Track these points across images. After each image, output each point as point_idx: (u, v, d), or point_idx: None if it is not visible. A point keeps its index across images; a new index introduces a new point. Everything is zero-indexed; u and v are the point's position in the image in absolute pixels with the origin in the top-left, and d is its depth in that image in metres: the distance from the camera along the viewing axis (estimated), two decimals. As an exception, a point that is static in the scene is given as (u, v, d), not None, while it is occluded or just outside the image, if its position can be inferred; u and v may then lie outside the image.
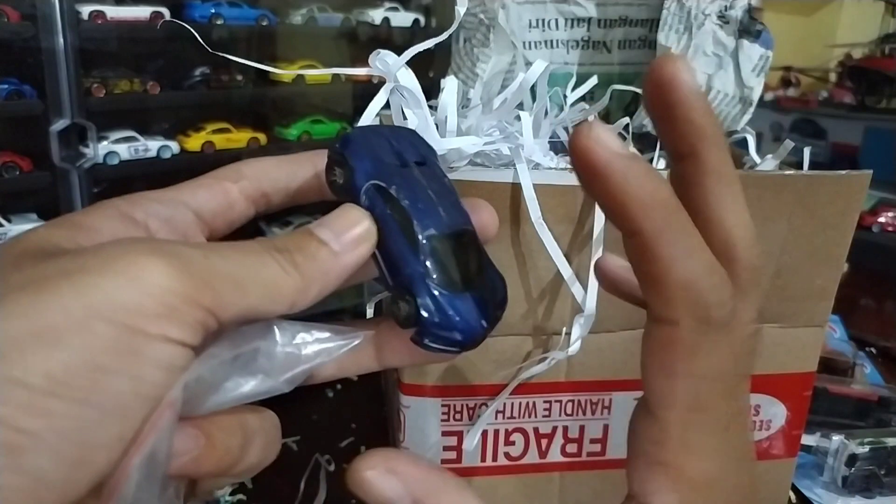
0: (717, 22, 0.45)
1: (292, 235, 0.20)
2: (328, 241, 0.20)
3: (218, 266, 0.17)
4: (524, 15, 0.50)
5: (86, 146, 0.74)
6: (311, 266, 0.19)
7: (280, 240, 0.20)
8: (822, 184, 0.38)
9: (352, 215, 0.21)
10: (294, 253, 0.19)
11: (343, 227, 0.21)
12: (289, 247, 0.19)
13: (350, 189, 0.22)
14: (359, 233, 0.21)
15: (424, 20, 0.95)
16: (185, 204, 0.22)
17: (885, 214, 0.98)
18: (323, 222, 0.21)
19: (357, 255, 0.20)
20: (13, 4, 0.68)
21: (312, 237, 0.20)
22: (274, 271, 0.18)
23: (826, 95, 1.19)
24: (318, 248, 0.20)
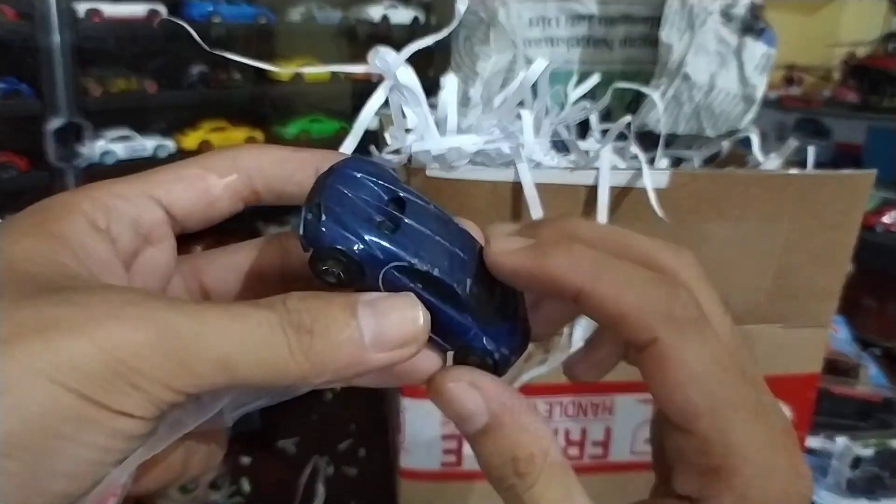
0: (720, 19, 0.45)
1: (328, 310, 0.17)
2: (365, 330, 0.17)
3: (207, 347, 0.15)
4: (525, 13, 0.50)
5: (82, 145, 0.74)
6: (329, 358, 0.16)
7: (310, 311, 0.16)
8: (825, 183, 0.38)
9: (409, 311, 0.18)
10: (316, 337, 0.16)
11: (394, 321, 0.17)
12: (314, 327, 0.16)
13: (362, 284, 0.18)
14: (406, 334, 0.17)
15: (424, 18, 0.95)
16: (156, 200, 0.20)
17: (889, 214, 0.97)
18: (374, 303, 0.17)
19: (389, 360, 0.17)
20: (10, 3, 0.68)
21: (351, 321, 0.17)
22: (280, 354, 0.16)
23: (829, 94, 1.19)
24: (349, 338, 0.17)
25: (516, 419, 0.19)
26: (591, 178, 0.36)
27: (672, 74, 0.46)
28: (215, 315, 0.16)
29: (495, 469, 0.19)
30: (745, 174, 0.38)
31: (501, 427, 0.19)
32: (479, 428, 0.19)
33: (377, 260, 0.18)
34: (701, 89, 0.45)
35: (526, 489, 0.18)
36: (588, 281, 0.18)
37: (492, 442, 0.19)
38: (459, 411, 0.19)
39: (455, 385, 0.19)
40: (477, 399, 0.19)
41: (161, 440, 0.17)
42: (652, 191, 0.35)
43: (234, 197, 0.21)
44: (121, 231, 0.19)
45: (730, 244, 0.38)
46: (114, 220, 0.19)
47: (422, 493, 0.42)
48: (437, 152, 0.36)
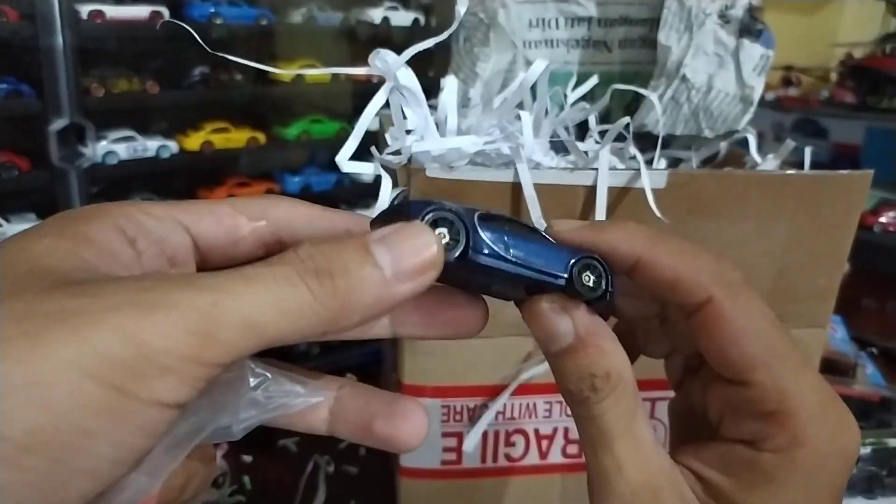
0: (718, 21, 0.45)
1: (340, 251, 0.17)
2: (384, 265, 0.17)
3: (227, 312, 0.15)
4: (524, 14, 0.50)
5: (84, 146, 0.74)
6: (355, 295, 0.17)
7: (324, 255, 0.17)
8: (823, 184, 0.38)
9: (420, 238, 0.18)
10: (337, 277, 0.16)
11: (408, 250, 0.17)
12: (332, 269, 0.16)
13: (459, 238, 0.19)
14: (423, 261, 0.18)
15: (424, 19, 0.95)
16: (185, 227, 0.20)
17: (887, 214, 0.97)
18: (385, 238, 0.17)
19: (412, 289, 0.17)
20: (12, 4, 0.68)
21: (367, 257, 0.17)
22: (305, 302, 0.16)
23: (827, 95, 1.19)
24: (370, 274, 0.17)
25: (599, 342, 0.20)
26: (590, 179, 0.36)
27: (670, 76, 0.46)
28: (230, 282, 0.16)
29: (573, 383, 0.20)
30: (743, 175, 0.38)
31: (585, 347, 0.20)
32: (563, 347, 0.20)
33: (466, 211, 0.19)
34: (699, 90, 0.46)
35: (597, 402, 0.20)
36: (645, 250, 0.21)
37: (573, 360, 0.20)
38: (550, 330, 0.21)
39: (549, 306, 0.21)
40: (567, 322, 0.20)
41: (183, 446, 0.17)
42: (650, 191, 0.35)
43: (259, 242, 0.21)
44: (147, 246, 0.19)
45: (728, 244, 0.39)
46: (141, 234, 0.19)
47: (422, 492, 0.42)
48: (437, 153, 0.36)
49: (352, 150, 0.37)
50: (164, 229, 0.20)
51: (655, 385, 0.41)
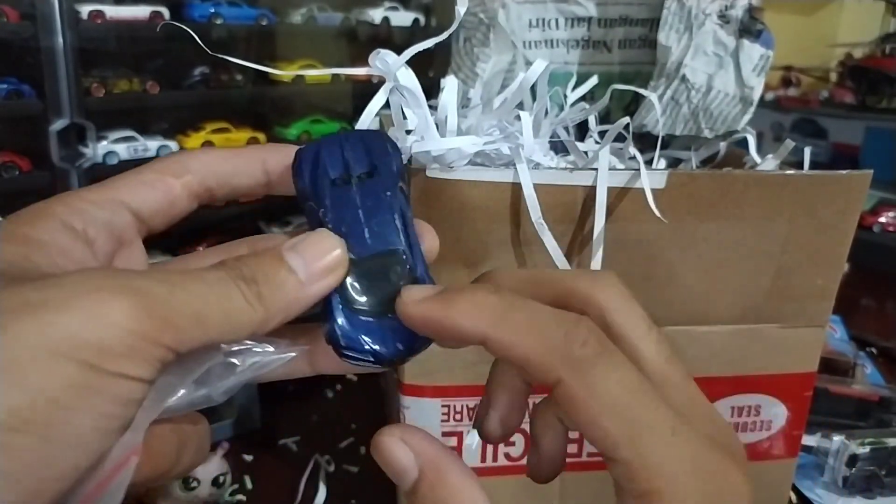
0: (718, 21, 0.45)
1: (261, 260, 0.19)
2: (297, 268, 0.20)
3: (181, 303, 0.17)
4: (524, 14, 0.50)
5: (85, 146, 0.74)
6: (276, 298, 0.19)
7: (248, 265, 0.19)
8: (822, 184, 0.38)
9: (325, 243, 0.20)
10: (261, 284, 0.19)
11: (315, 254, 0.20)
12: (256, 276, 0.19)
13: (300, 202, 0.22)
14: (329, 262, 0.20)
15: (424, 19, 0.95)
16: (125, 204, 0.22)
17: (886, 214, 0.98)
18: (295, 246, 0.20)
19: (324, 286, 0.20)
20: (12, 4, 0.68)
21: (282, 264, 0.20)
22: (238, 304, 0.18)
23: (827, 95, 1.19)
24: (286, 278, 0.19)
25: (442, 478, 0.19)
26: (589, 179, 0.36)
27: (670, 76, 0.46)
28: (181, 278, 0.18)
29: None
30: (742, 175, 0.38)
31: (429, 485, 0.19)
32: (410, 485, 0.19)
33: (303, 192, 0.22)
34: (699, 91, 0.46)
35: None
36: (489, 327, 0.19)
37: (421, 500, 0.19)
38: (392, 466, 0.19)
39: (387, 440, 0.19)
40: (406, 455, 0.19)
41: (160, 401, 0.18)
42: (650, 191, 0.36)
43: (191, 196, 0.23)
44: (97, 233, 0.20)
45: (727, 244, 0.39)
46: (89, 224, 0.20)
47: (422, 491, 0.42)
48: (437, 153, 0.36)
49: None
50: (107, 213, 0.21)
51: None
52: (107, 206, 0.21)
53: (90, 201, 0.21)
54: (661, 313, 0.40)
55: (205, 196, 0.23)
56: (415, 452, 0.19)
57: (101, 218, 0.21)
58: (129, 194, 0.22)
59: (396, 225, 0.22)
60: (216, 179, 0.23)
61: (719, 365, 0.41)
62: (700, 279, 0.39)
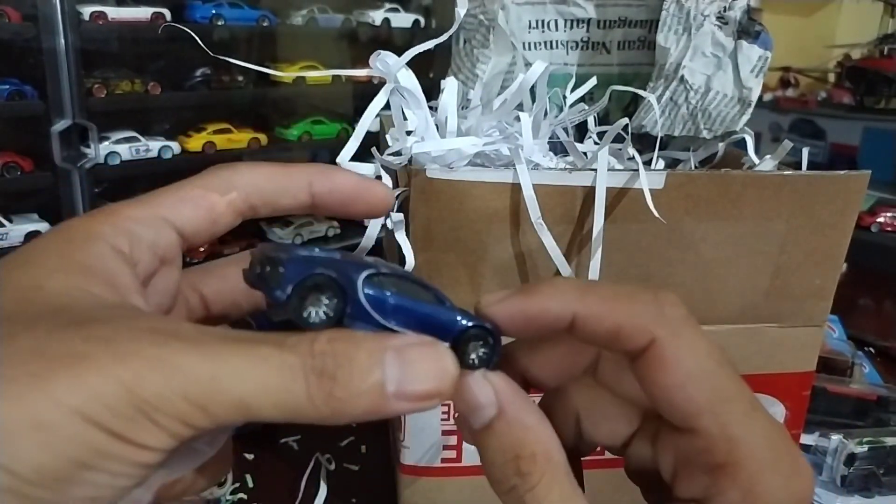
0: (716, 23, 0.46)
1: (352, 353, 0.16)
2: (390, 379, 0.16)
3: (226, 392, 0.15)
4: (524, 16, 0.50)
5: (87, 146, 0.74)
6: (348, 406, 0.16)
7: (332, 355, 0.16)
8: (820, 184, 0.38)
9: (440, 363, 0.17)
10: (338, 385, 0.16)
11: (421, 374, 0.17)
12: (337, 373, 0.16)
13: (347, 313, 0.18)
14: (433, 387, 0.17)
15: (424, 21, 0.95)
16: (169, 222, 0.21)
17: (884, 214, 0.98)
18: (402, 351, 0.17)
19: (416, 408, 0.17)
20: (14, 5, 0.68)
21: (377, 368, 0.16)
22: (298, 399, 0.16)
23: (825, 96, 1.19)
24: (372, 387, 0.16)
25: (521, 417, 0.19)
26: (588, 180, 0.36)
27: (669, 77, 0.46)
28: (235, 356, 0.16)
29: (498, 468, 0.19)
30: (741, 175, 0.38)
31: (507, 423, 0.19)
32: (486, 422, 0.19)
33: (351, 271, 0.18)
34: (697, 92, 0.46)
35: (527, 490, 0.18)
36: (578, 303, 0.19)
37: (497, 438, 0.19)
38: (472, 402, 0.19)
39: (471, 375, 0.19)
40: (489, 391, 0.19)
41: (181, 466, 0.18)
42: (648, 192, 0.36)
43: (235, 213, 0.22)
44: (141, 255, 0.20)
45: (726, 245, 0.39)
46: (135, 245, 0.19)
47: (422, 490, 0.43)
48: (437, 154, 0.36)
49: (353, 151, 0.37)
50: (152, 233, 0.20)
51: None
52: (152, 224, 0.20)
53: (136, 220, 0.20)
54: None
55: (248, 213, 0.22)
56: (496, 390, 0.19)
57: (146, 238, 0.20)
58: (173, 212, 0.21)
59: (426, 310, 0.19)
60: (261, 198, 0.22)
61: (718, 364, 0.42)
62: (698, 279, 0.39)
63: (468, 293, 0.38)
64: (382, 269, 0.19)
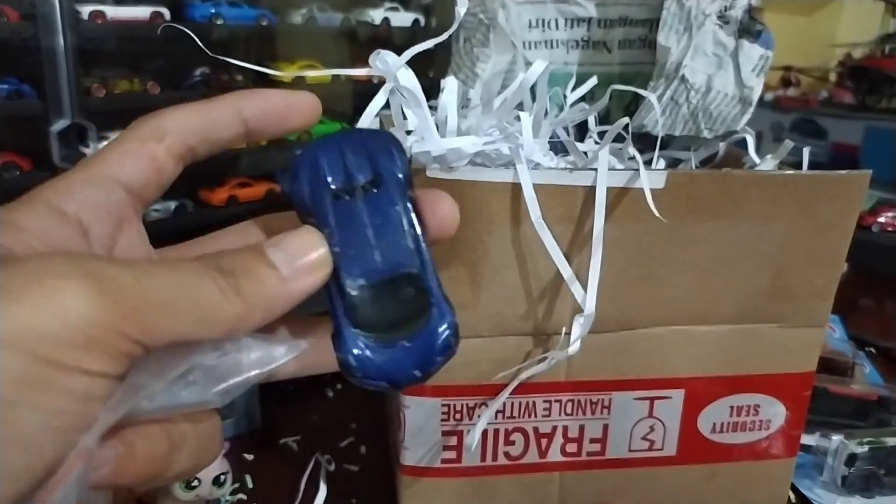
0: (717, 22, 0.45)
1: (240, 255, 0.19)
2: (279, 264, 0.19)
3: (149, 291, 0.16)
4: (524, 15, 0.50)
5: (86, 146, 0.74)
6: (255, 292, 0.18)
7: (226, 258, 0.18)
8: (822, 184, 0.38)
9: (309, 239, 0.20)
10: (239, 277, 0.18)
11: (298, 251, 0.19)
12: (234, 269, 0.18)
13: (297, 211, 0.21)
14: (313, 259, 0.20)
15: (424, 20, 0.95)
16: (116, 180, 0.20)
17: (885, 214, 0.98)
18: (277, 242, 0.19)
19: (308, 284, 0.19)
20: (13, 4, 0.68)
21: (262, 260, 0.19)
22: (213, 297, 0.17)
23: (826, 95, 1.19)
24: (267, 274, 0.19)
25: None
26: (589, 179, 0.36)
27: (669, 76, 0.46)
28: (151, 267, 0.17)
29: None
30: (742, 175, 0.38)
31: None
32: None
33: (303, 206, 0.21)
34: (698, 91, 0.46)
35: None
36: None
37: None
38: None
39: None
40: None
41: (123, 403, 0.17)
42: (649, 191, 0.36)
43: (175, 159, 0.22)
44: (93, 217, 0.19)
45: (726, 244, 0.39)
46: (82, 207, 0.19)
47: (422, 490, 0.42)
48: (437, 153, 0.36)
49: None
50: (100, 192, 0.20)
51: (655, 385, 0.41)
52: (98, 184, 0.20)
53: (79, 181, 0.20)
54: (661, 313, 0.40)
55: (188, 156, 0.22)
56: None
57: (93, 199, 0.20)
58: (117, 168, 0.20)
59: (408, 244, 0.21)
60: (196, 136, 0.22)
61: (718, 364, 0.42)
62: (699, 279, 0.39)
63: (468, 293, 0.38)
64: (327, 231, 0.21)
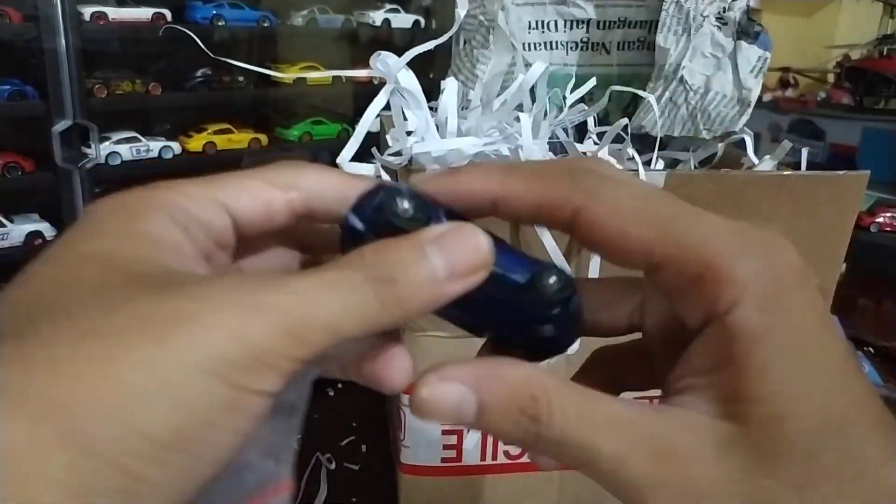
0: (716, 23, 0.46)
1: (401, 257, 0.18)
2: (439, 267, 0.18)
3: (317, 318, 0.17)
4: (524, 16, 0.50)
5: (88, 147, 0.74)
6: (414, 300, 0.18)
7: (386, 262, 0.17)
8: (820, 184, 0.38)
9: (474, 239, 0.18)
10: (399, 285, 0.17)
11: (462, 251, 0.18)
12: (395, 275, 0.17)
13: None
14: (476, 261, 0.18)
15: (425, 22, 0.95)
16: (226, 208, 0.20)
17: (883, 215, 0.98)
18: (439, 240, 0.18)
19: (463, 287, 0.18)
20: (15, 6, 0.69)
21: (424, 262, 0.18)
22: (374, 309, 0.17)
23: (824, 96, 1.19)
24: (427, 278, 0.18)
25: (501, 379, 0.18)
26: (588, 180, 0.36)
27: (668, 77, 0.46)
28: (313, 288, 0.17)
29: (513, 432, 0.18)
30: (740, 175, 0.38)
31: (492, 396, 0.18)
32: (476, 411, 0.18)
33: None
34: (697, 92, 0.46)
35: (547, 426, 0.18)
36: (498, 183, 0.20)
37: (491, 413, 0.18)
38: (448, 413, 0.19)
39: (427, 391, 0.18)
40: (454, 389, 0.18)
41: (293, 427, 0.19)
42: (648, 192, 0.36)
43: (291, 213, 0.21)
44: (197, 233, 0.19)
45: (724, 244, 0.39)
46: (191, 221, 0.19)
47: (422, 489, 0.43)
48: (438, 154, 0.36)
49: (353, 151, 0.37)
50: (207, 213, 0.20)
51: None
52: (208, 205, 0.20)
53: (191, 197, 0.20)
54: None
55: (307, 216, 0.22)
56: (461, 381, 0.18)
57: (201, 216, 0.20)
58: (231, 198, 0.20)
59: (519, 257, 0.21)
60: (322, 203, 0.21)
61: (717, 364, 0.42)
62: (698, 279, 0.39)
63: (468, 293, 0.38)
64: None
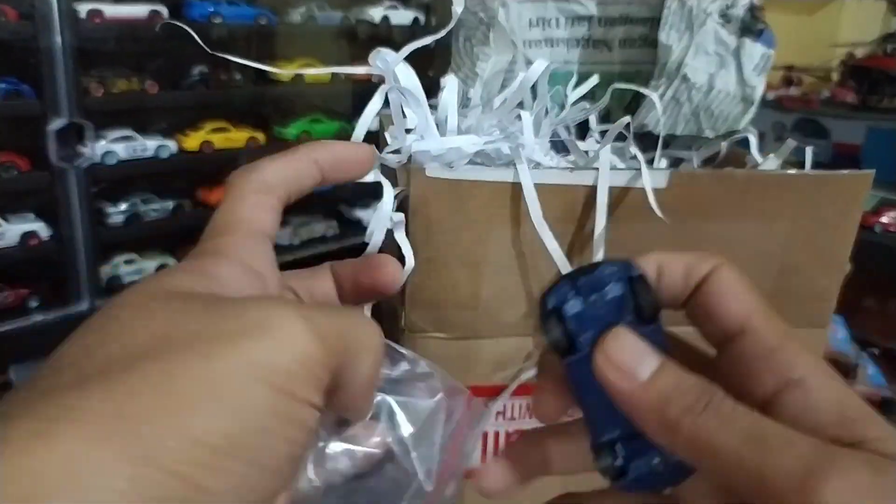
0: (719, 20, 0.45)
1: None
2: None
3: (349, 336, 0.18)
4: (524, 13, 0.50)
5: (83, 145, 0.74)
6: None
7: None
8: (824, 184, 0.38)
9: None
10: None
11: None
12: None
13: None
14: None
15: (424, 18, 0.95)
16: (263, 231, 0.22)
17: (888, 214, 0.97)
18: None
19: None
20: (11, 3, 0.68)
21: None
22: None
23: (828, 95, 1.19)
24: None
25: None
26: (590, 179, 0.36)
27: (671, 75, 0.46)
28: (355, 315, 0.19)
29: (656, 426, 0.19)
30: (744, 174, 0.38)
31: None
32: None
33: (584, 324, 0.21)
34: (700, 90, 0.45)
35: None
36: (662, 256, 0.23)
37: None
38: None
39: None
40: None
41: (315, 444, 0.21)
42: (651, 191, 0.35)
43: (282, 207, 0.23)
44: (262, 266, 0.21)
45: (728, 244, 0.38)
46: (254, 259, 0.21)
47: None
48: (437, 152, 0.36)
49: (352, 149, 0.37)
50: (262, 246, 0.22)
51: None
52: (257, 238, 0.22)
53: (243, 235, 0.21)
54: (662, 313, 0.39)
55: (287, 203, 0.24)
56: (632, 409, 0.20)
57: (260, 251, 0.21)
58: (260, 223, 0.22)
59: None
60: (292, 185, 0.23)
61: (721, 366, 0.41)
62: (701, 279, 0.39)
63: (468, 293, 0.37)
64: None
